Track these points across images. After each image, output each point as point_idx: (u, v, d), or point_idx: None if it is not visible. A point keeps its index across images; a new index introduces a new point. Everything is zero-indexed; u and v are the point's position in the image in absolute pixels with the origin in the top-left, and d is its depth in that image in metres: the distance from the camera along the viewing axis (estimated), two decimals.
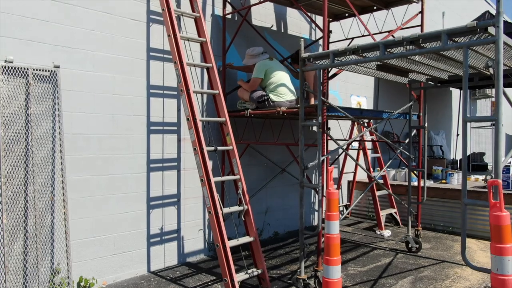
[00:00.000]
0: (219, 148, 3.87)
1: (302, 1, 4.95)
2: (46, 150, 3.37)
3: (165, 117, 4.35)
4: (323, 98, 3.49)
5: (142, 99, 4.15)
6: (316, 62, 3.53)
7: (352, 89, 7.01)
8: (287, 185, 5.74)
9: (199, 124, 3.68)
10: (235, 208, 3.71)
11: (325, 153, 3.54)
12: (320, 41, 6.18)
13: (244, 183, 3.83)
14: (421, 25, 5.10)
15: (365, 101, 7.27)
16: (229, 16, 4.97)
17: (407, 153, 4.78)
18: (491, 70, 2.42)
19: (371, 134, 6.37)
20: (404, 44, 2.78)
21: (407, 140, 4.81)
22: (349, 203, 6.75)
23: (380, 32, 5.68)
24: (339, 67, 3.70)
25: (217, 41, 4.85)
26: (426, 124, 4.74)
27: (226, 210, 3.61)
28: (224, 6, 4.77)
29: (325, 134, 3.55)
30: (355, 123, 6.20)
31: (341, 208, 6.77)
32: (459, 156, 9.86)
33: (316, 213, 6.24)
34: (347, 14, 5.76)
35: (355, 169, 6.48)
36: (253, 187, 5.19)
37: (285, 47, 5.70)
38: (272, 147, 5.35)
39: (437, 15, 9.63)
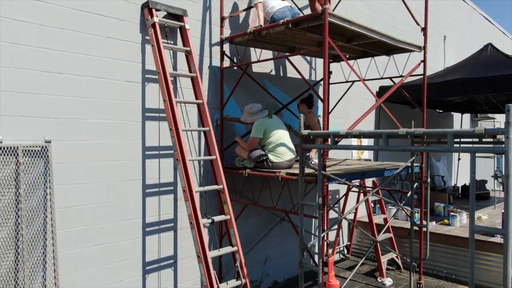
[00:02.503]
0: (217, 219, 3.76)
1: (302, 49, 4.83)
2: (36, 229, 3.25)
3: (161, 178, 4.23)
4: (323, 172, 3.38)
5: (138, 162, 4.03)
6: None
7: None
8: (286, 231, 5.62)
9: (196, 197, 3.57)
10: (233, 283, 3.60)
11: (325, 228, 3.43)
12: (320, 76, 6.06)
13: (242, 255, 3.73)
14: (424, 75, 4.99)
15: None
16: (227, 63, 4.85)
17: (409, 209, 4.68)
18: (499, 180, 2.31)
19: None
20: (407, 137, 2.67)
21: (409, 193, 4.70)
22: (349, 243, 6.64)
23: (382, 78, 5.57)
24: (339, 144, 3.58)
25: (215, 92, 4.73)
26: (429, 179, 4.62)
27: (223, 286, 3.50)
28: (222, 60, 4.65)
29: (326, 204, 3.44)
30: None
31: (341, 249, 6.66)
32: (460, 183, 9.74)
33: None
34: (347, 56, 5.64)
35: (356, 209, 6.37)
36: (252, 239, 5.08)
37: (284, 91, 5.58)
38: (271, 196, 5.23)
39: (439, 39, 9.51)
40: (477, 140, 2.73)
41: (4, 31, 3.19)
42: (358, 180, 6.07)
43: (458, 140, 2.87)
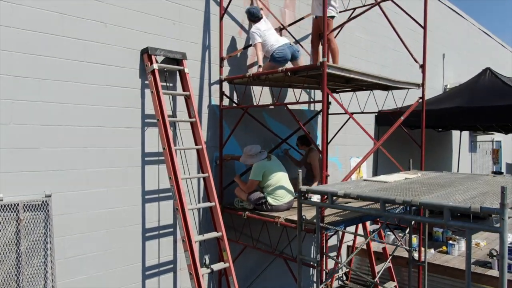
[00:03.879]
0: (216, 267, 3.79)
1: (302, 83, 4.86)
2: (36, 286, 3.28)
3: (161, 220, 4.26)
4: (321, 224, 3.40)
5: (137, 207, 4.06)
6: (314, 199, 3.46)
7: (351, 151, 6.93)
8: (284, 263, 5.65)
9: (195, 247, 3.60)
10: None
11: (323, 279, 3.46)
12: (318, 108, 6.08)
13: None
14: (422, 110, 5.01)
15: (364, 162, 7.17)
16: (226, 100, 4.86)
17: (406, 248, 4.71)
18: (495, 259, 2.34)
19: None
20: (404, 205, 2.69)
21: (407, 230, 4.74)
22: (348, 269, 6.67)
23: (380, 111, 5.60)
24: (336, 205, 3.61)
25: (214, 131, 4.75)
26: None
27: None
28: (221, 100, 4.67)
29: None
30: None
31: (340, 275, 6.69)
32: None
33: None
34: (347, 89, 5.67)
35: (355, 237, 6.40)
36: (252, 272, 5.11)
37: (284, 123, 5.60)
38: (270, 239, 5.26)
39: (438, 57, 9.53)
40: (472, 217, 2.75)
41: (4, 89, 3.21)
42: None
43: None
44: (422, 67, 4.96)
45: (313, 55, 5.35)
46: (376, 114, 6.66)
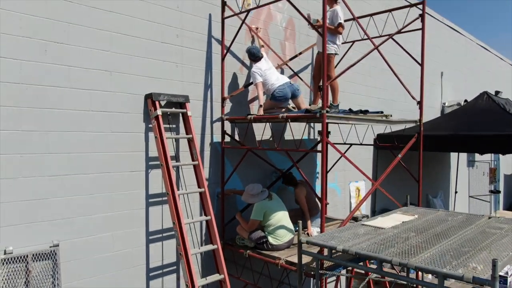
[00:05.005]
0: None
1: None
2: None
3: (164, 259, 4.37)
4: (321, 271, 3.51)
5: (142, 248, 4.17)
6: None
7: (351, 175, 7.02)
8: None
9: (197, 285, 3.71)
10: None
11: None
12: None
13: None
14: (420, 146, 5.11)
15: (363, 185, 7.30)
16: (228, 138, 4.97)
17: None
18: None
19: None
20: (398, 265, 2.81)
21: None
22: None
23: (377, 145, 5.70)
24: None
25: (216, 168, 4.85)
26: None
27: None
28: (223, 138, 4.77)
29: None
30: None
31: None
32: None
33: None
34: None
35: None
36: None
37: (284, 155, 5.69)
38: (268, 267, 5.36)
39: (436, 76, 9.63)
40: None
41: (10, 144, 3.31)
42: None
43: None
44: (420, 103, 5.06)
45: (314, 89, 5.46)
46: (374, 145, 6.78)
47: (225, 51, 4.76)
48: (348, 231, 3.75)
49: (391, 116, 5.49)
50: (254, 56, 4.75)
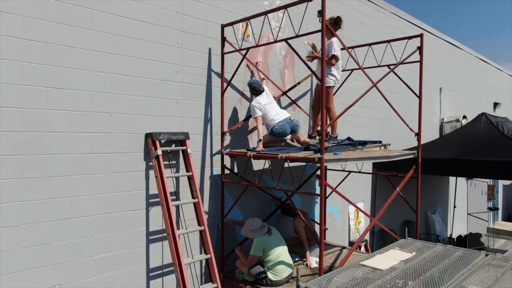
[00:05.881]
0: None
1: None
2: None
3: None
4: None
5: (142, 286, 4.21)
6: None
7: (350, 197, 7.04)
8: None
9: None
10: None
11: None
12: None
13: None
14: (418, 178, 5.15)
15: (362, 206, 7.34)
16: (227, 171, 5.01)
17: None
18: None
19: None
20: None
21: None
22: None
23: (376, 173, 5.73)
24: None
25: (216, 200, 4.90)
26: None
27: None
28: (223, 172, 4.82)
29: None
30: None
31: None
32: (456, 231, 9.95)
33: None
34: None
35: None
36: None
37: (285, 183, 5.73)
38: None
39: (435, 91, 9.67)
40: None
41: (12, 192, 3.35)
42: None
43: None
44: (418, 134, 5.10)
45: (313, 118, 5.50)
46: (373, 174, 6.82)
47: (225, 85, 4.79)
48: (346, 271, 3.79)
49: (389, 145, 5.55)
50: (255, 90, 4.78)
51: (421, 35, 5.03)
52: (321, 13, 3.62)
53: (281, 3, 5.68)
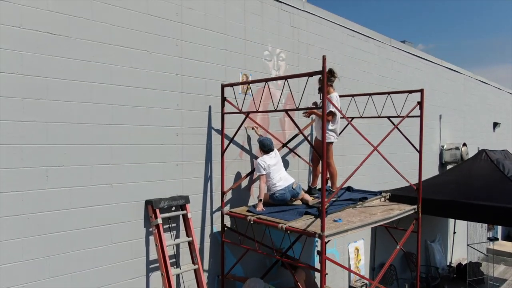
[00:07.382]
0: None
1: None
2: None
3: None
4: None
5: None
6: None
7: (349, 237, 7.06)
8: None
9: None
10: None
11: None
12: None
13: None
14: (418, 225, 5.15)
15: (362, 244, 7.34)
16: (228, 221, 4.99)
17: None
18: None
19: None
20: None
21: None
22: None
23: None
24: None
25: (216, 258, 4.89)
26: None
27: None
28: (223, 232, 4.80)
29: None
30: None
31: None
32: (456, 257, 9.95)
33: None
34: None
35: None
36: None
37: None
38: None
39: (435, 119, 9.66)
40: None
41: (13, 274, 3.34)
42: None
43: None
44: (418, 190, 5.10)
45: (313, 170, 5.49)
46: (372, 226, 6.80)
47: (225, 144, 4.78)
48: None
49: (390, 194, 5.55)
50: (266, 147, 4.80)
51: (421, 90, 5.02)
52: (321, 90, 3.61)
53: (281, 51, 5.67)
